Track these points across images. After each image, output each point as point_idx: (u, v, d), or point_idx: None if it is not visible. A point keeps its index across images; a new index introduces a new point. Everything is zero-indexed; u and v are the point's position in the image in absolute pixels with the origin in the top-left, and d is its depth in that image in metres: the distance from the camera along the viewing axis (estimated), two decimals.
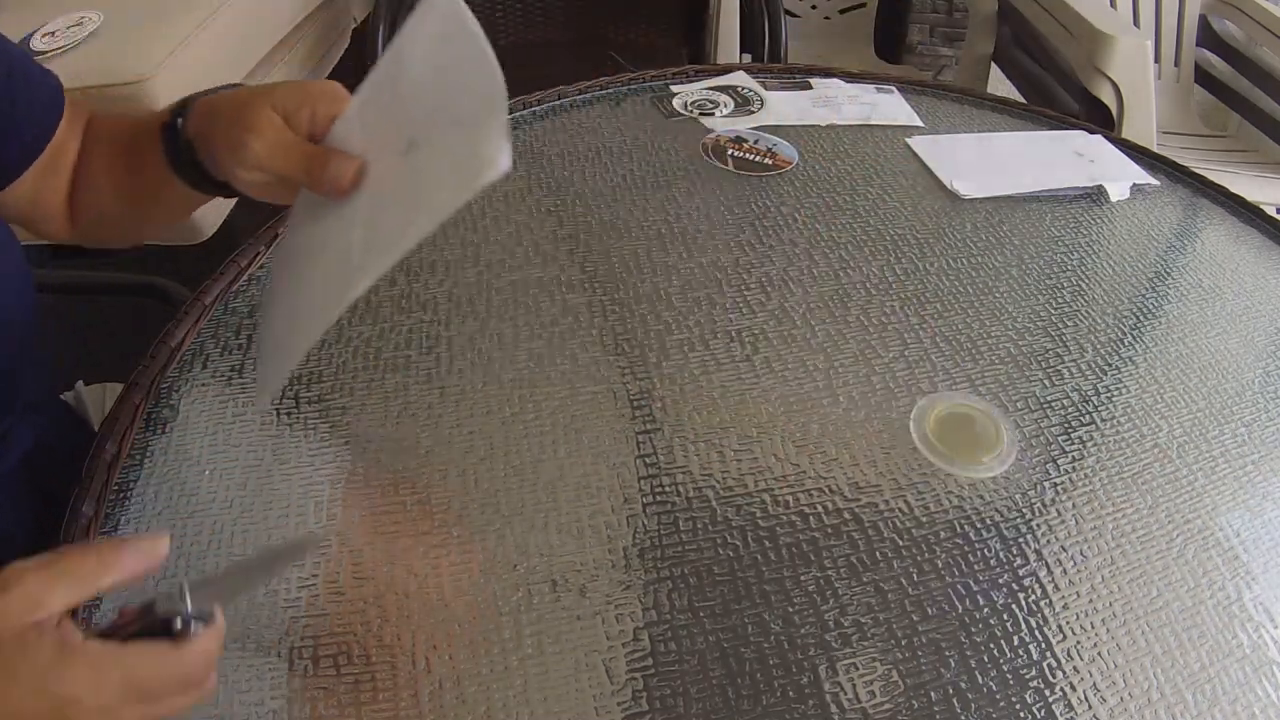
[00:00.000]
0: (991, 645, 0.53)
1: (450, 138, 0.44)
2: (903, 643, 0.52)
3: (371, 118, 0.49)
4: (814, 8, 2.52)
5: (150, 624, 0.37)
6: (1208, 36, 1.87)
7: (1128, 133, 1.50)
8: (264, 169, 0.49)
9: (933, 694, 0.50)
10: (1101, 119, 1.52)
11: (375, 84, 0.49)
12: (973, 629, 0.53)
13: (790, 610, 0.53)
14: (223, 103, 0.53)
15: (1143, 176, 0.94)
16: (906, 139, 0.97)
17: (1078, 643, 0.53)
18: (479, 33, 0.43)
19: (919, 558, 0.57)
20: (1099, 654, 0.53)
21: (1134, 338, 0.75)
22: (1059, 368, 0.71)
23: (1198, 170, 0.98)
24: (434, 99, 0.46)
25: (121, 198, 0.61)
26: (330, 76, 1.65)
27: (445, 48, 0.46)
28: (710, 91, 1.01)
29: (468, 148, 0.41)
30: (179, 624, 0.37)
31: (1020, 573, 0.57)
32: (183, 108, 0.56)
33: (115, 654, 0.36)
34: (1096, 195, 0.92)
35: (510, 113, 0.94)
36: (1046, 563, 0.57)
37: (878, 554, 0.57)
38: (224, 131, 0.51)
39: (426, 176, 0.44)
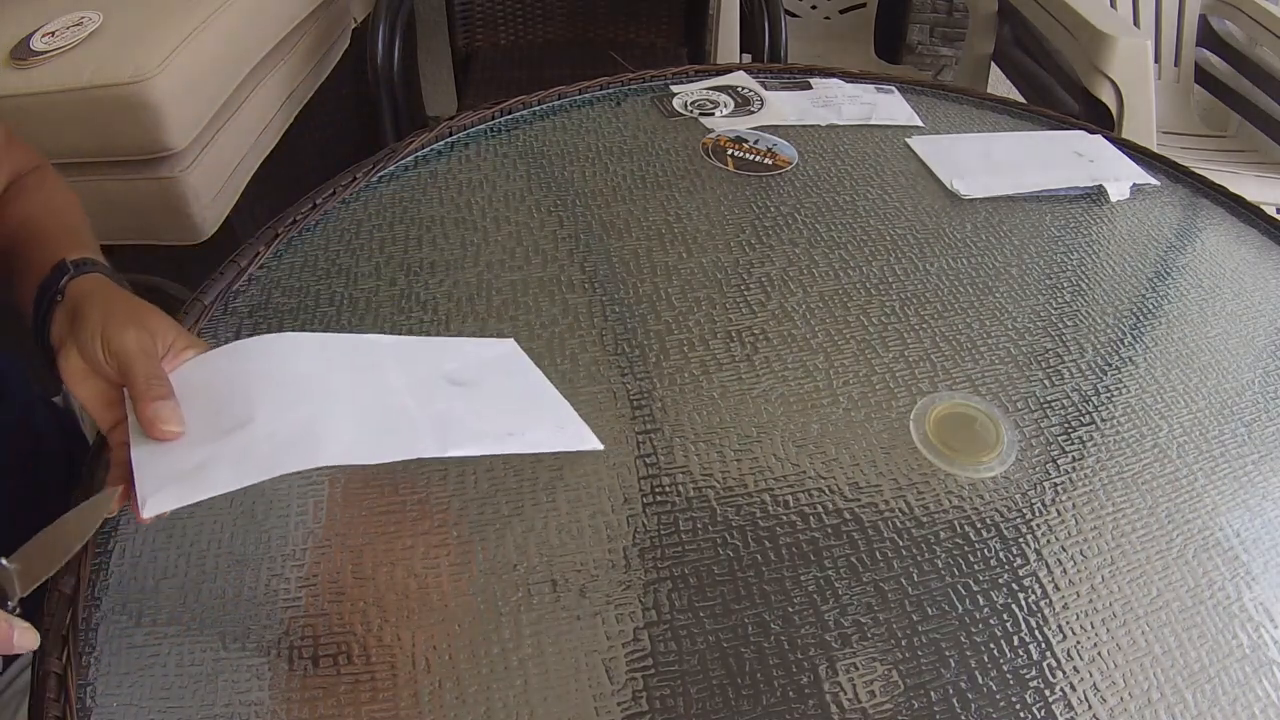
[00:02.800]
0: (991, 645, 0.53)
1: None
2: (903, 643, 0.52)
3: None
4: (814, 8, 2.51)
5: None
6: (1208, 36, 1.88)
7: (1128, 133, 1.50)
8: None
9: (933, 694, 0.50)
10: (1101, 119, 1.52)
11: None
12: (973, 629, 0.53)
13: (790, 610, 0.53)
14: (81, 319, 0.52)
15: (1143, 176, 0.94)
16: (906, 139, 0.97)
17: (1078, 643, 0.53)
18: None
19: (919, 558, 0.57)
20: (1099, 654, 0.53)
21: (1134, 338, 0.75)
22: (1059, 368, 0.71)
23: (1198, 170, 0.98)
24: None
25: None
26: (330, 76, 1.65)
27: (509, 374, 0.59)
28: (710, 91, 1.01)
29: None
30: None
31: (1020, 573, 0.57)
32: (61, 281, 0.55)
33: None
34: (1096, 195, 0.92)
35: (510, 112, 0.94)
36: (1046, 563, 0.57)
37: (878, 554, 0.57)
38: (62, 351, 0.51)
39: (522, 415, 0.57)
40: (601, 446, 0.56)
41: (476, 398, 0.56)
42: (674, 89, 1.01)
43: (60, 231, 0.59)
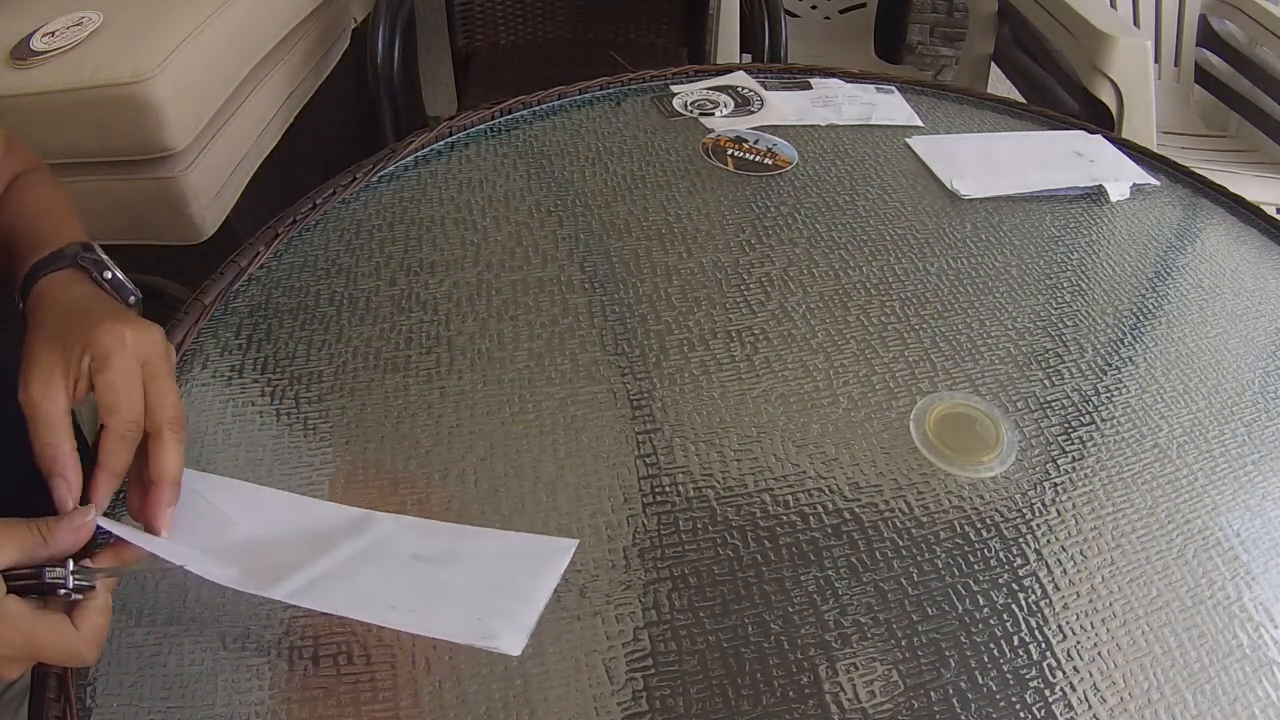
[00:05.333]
0: (991, 645, 0.53)
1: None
2: (903, 643, 0.52)
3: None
4: (814, 8, 2.51)
5: (36, 586, 0.43)
6: (1208, 36, 1.88)
7: (1128, 133, 1.50)
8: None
9: (933, 694, 0.50)
10: (1101, 119, 1.52)
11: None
12: (973, 629, 0.53)
13: (790, 610, 0.53)
14: (37, 316, 0.53)
15: (1143, 176, 0.94)
16: (906, 139, 0.97)
17: (1078, 643, 0.53)
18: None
19: (919, 558, 0.57)
20: (1099, 654, 0.53)
21: (1134, 338, 0.75)
22: (1059, 368, 0.71)
23: (1198, 170, 0.98)
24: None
25: None
26: (330, 76, 1.65)
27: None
28: (710, 91, 1.01)
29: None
30: (61, 591, 0.43)
31: (1020, 573, 0.57)
32: (28, 283, 0.55)
33: (29, 617, 0.41)
34: (1096, 195, 0.92)
35: (510, 112, 0.94)
36: (1046, 563, 0.57)
37: (878, 554, 0.57)
38: (24, 351, 0.50)
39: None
40: (515, 652, 0.46)
41: (421, 571, 0.51)
42: (674, 89, 1.01)
43: (32, 235, 0.59)
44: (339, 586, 0.49)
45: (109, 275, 0.57)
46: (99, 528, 0.47)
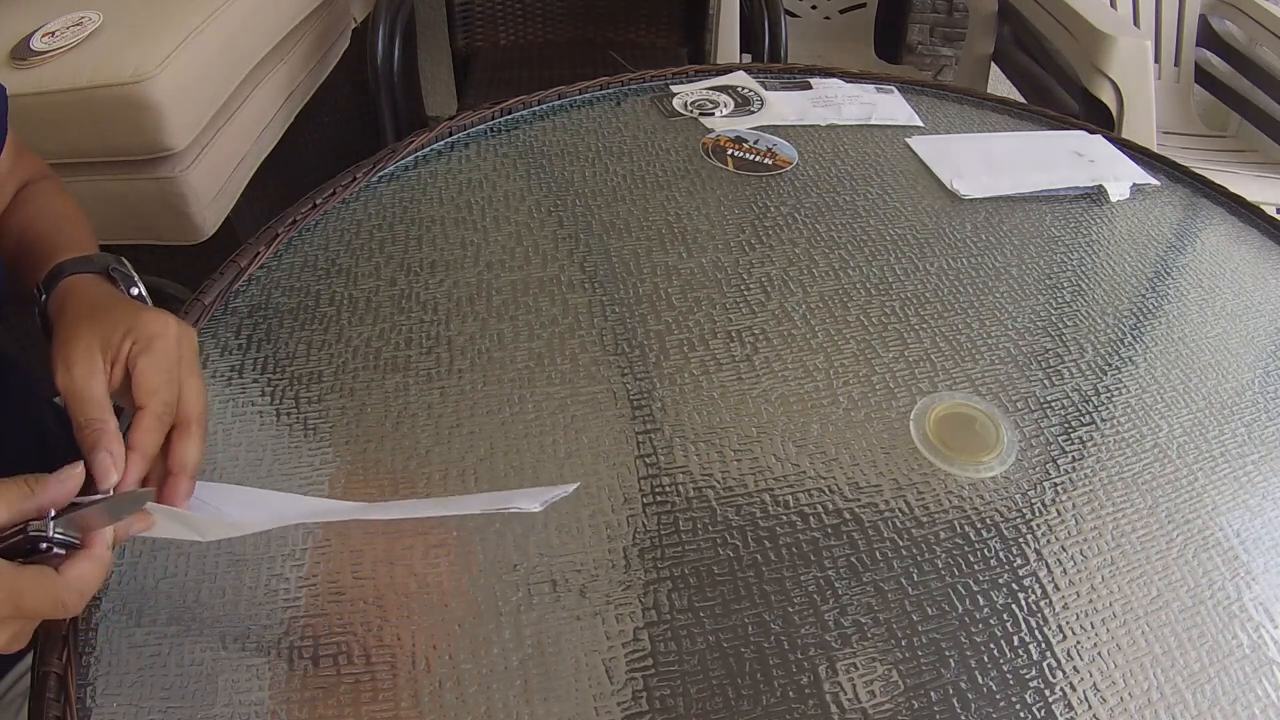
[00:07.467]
0: (991, 645, 0.53)
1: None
2: (903, 643, 0.52)
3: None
4: (814, 8, 2.51)
5: (19, 542, 0.42)
6: (1208, 36, 1.88)
7: (1128, 133, 1.50)
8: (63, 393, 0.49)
9: (933, 694, 0.50)
10: (1101, 119, 1.52)
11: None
12: (973, 629, 0.53)
13: (790, 610, 0.53)
14: (72, 305, 0.53)
15: (1143, 176, 0.94)
16: (906, 139, 0.97)
17: (1078, 643, 0.53)
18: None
19: (919, 558, 0.57)
20: (1099, 654, 0.53)
21: (1134, 338, 0.75)
22: (1059, 368, 0.71)
23: (1198, 170, 0.98)
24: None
25: None
26: (330, 76, 1.65)
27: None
28: (710, 91, 1.01)
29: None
30: (44, 545, 0.43)
31: (1020, 573, 0.57)
32: (54, 277, 0.56)
33: (9, 571, 0.40)
34: (1096, 195, 0.92)
35: (510, 112, 0.94)
36: (1046, 563, 0.57)
37: (878, 554, 0.57)
38: (57, 335, 0.51)
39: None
40: (536, 509, 0.50)
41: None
42: (674, 89, 1.01)
43: (52, 237, 0.60)
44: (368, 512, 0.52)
45: (135, 291, 0.58)
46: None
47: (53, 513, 0.43)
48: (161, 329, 0.50)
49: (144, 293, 0.58)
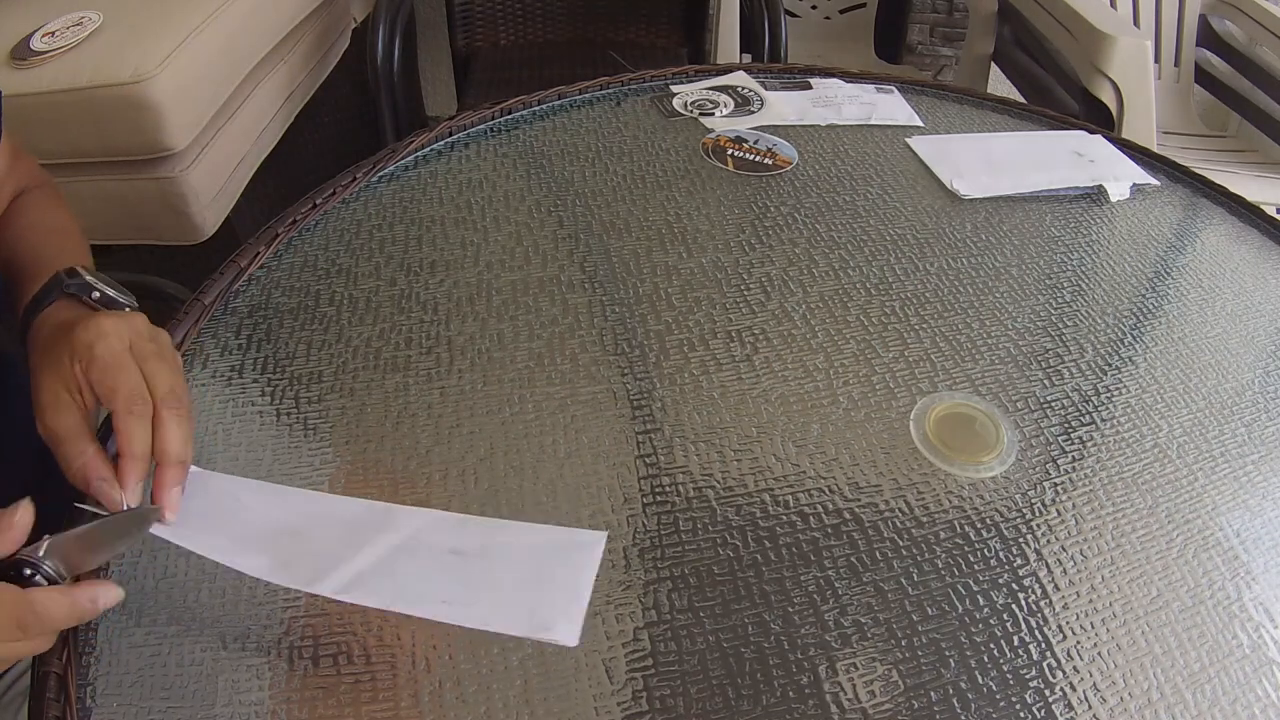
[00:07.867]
0: (991, 645, 0.53)
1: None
2: (903, 643, 0.52)
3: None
4: (814, 8, 2.51)
5: (4, 568, 0.43)
6: (1208, 36, 1.88)
7: (1128, 133, 1.50)
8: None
9: (933, 694, 0.50)
10: (1101, 119, 1.52)
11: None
12: (973, 629, 0.53)
13: (790, 610, 0.53)
14: (34, 351, 0.54)
15: (1143, 176, 0.94)
16: (906, 139, 0.97)
17: (1078, 643, 0.53)
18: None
19: (919, 558, 0.57)
20: (1099, 654, 0.53)
21: (1134, 338, 0.75)
22: (1059, 368, 0.71)
23: (1198, 170, 0.98)
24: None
25: None
26: (330, 76, 1.65)
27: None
28: (710, 91, 1.01)
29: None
30: (28, 571, 0.43)
31: (1020, 573, 0.57)
32: (25, 323, 0.57)
33: (17, 592, 0.41)
34: (1096, 195, 0.92)
35: (510, 112, 0.94)
36: (1046, 563, 0.57)
37: (878, 554, 0.57)
38: (30, 387, 0.51)
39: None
40: (572, 643, 0.49)
41: (462, 566, 0.52)
42: (674, 89, 1.01)
43: (38, 254, 0.61)
44: (384, 582, 0.50)
45: (97, 295, 0.57)
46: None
47: (47, 541, 0.44)
48: (96, 334, 0.50)
49: (107, 293, 0.57)
